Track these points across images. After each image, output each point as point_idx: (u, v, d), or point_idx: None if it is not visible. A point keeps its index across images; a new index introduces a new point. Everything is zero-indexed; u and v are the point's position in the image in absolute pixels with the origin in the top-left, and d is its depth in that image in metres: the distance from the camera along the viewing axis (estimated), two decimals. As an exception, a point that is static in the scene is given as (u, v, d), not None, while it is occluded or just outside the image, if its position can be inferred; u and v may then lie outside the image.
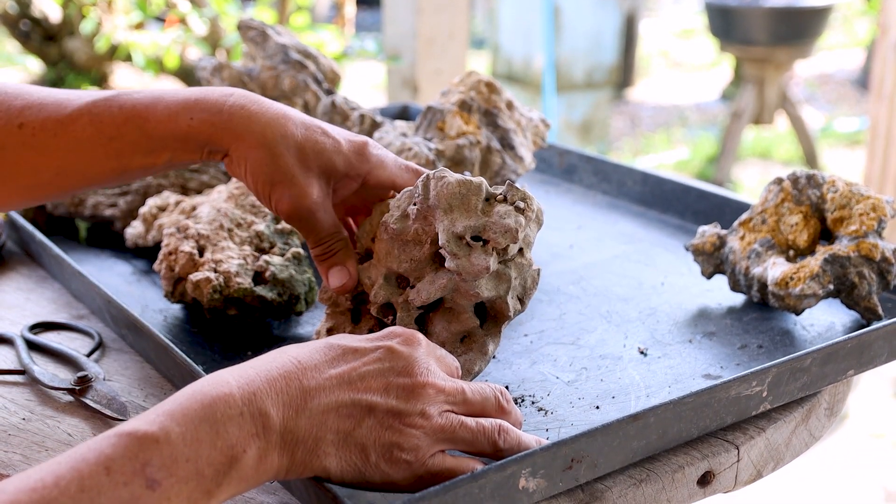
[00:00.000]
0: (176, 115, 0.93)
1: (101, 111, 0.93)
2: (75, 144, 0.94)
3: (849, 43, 8.59)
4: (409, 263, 0.93)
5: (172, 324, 1.11)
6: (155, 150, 0.94)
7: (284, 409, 0.72)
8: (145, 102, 0.94)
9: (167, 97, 0.94)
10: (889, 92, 3.54)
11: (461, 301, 0.92)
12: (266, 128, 0.92)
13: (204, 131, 0.93)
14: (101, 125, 0.93)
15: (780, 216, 1.14)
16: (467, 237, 0.89)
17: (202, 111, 0.93)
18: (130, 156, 0.94)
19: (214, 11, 3.85)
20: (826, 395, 1.01)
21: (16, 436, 0.92)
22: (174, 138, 0.93)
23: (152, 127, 0.93)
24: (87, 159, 0.94)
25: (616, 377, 1.00)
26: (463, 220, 0.89)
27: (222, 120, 0.93)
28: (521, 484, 0.78)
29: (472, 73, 1.31)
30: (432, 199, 0.90)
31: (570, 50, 5.60)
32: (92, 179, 0.96)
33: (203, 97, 0.94)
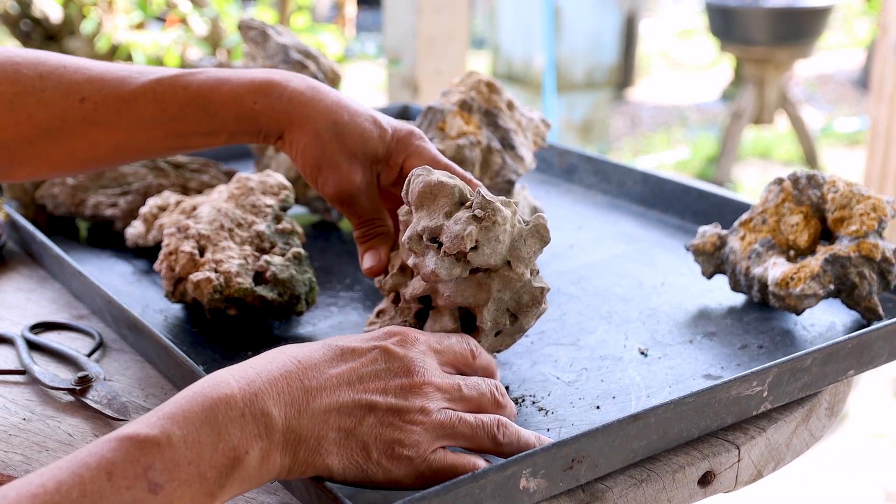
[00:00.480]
0: (241, 98, 0.96)
1: (165, 90, 0.95)
2: (137, 121, 0.96)
3: (849, 43, 8.59)
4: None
5: (173, 324, 1.11)
6: (215, 131, 0.97)
7: (286, 409, 0.72)
8: (210, 83, 0.96)
9: (232, 79, 0.97)
10: (889, 92, 3.54)
11: (440, 302, 0.93)
12: (320, 115, 0.96)
13: (265, 115, 0.96)
14: (165, 104, 0.95)
15: (781, 216, 1.14)
16: (425, 237, 0.90)
17: (266, 96, 0.96)
18: (190, 135, 0.97)
19: (215, 11, 3.85)
20: (826, 395, 1.01)
21: (16, 436, 0.92)
22: (236, 120, 0.96)
23: (216, 108, 0.96)
24: (148, 136, 0.96)
25: (616, 377, 1.00)
26: (426, 219, 0.90)
27: (282, 106, 0.96)
28: (521, 484, 0.78)
29: (473, 74, 1.31)
30: (409, 195, 0.92)
31: (571, 50, 5.61)
32: (148, 154, 1.00)
33: (267, 81, 0.97)
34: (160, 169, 1.38)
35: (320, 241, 1.35)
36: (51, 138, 0.96)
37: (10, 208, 1.34)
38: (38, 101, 0.96)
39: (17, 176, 1.01)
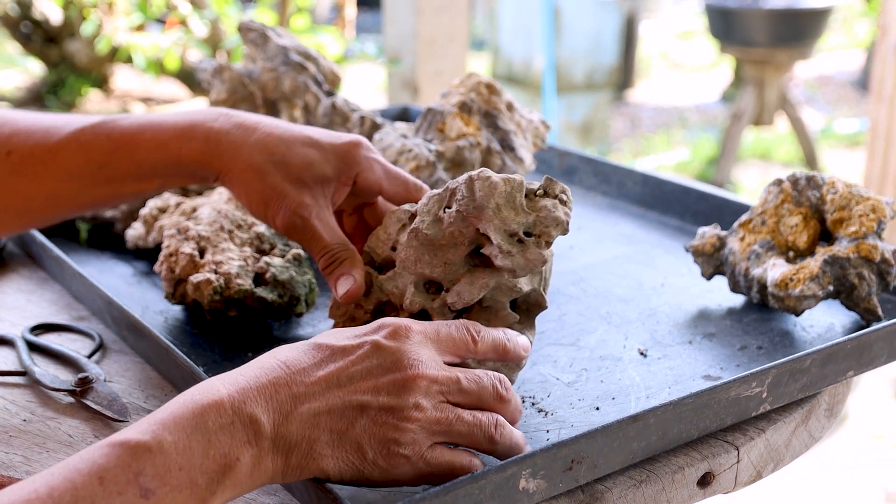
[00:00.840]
0: (165, 145, 0.94)
1: (89, 139, 0.93)
2: (65, 172, 0.94)
3: (849, 44, 8.59)
4: (443, 267, 0.91)
5: (173, 325, 1.11)
6: (146, 177, 0.95)
7: (274, 416, 0.72)
8: (133, 130, 0.94)
9: (154, 124, 0.94)
10: (889, 93, 3.54)
11: (501, 298, 0.92)
12: (253, 150, 0.93)
13: (194, 159, 0.94)
14: (90, 153, 0.94)
15: (780, 217, 1.14)
16: (520, 233, 0.88)
17: (189, 140, 0.94)
18: (121, 182, 0.95)
19: (215, 13, 3.86)
20: (826, 396, 1.01)
21: (17, 437, 0.92)
22: (164, 166, 0.94)
23: (142, 155, 0.94)
24: (78, 186, 0.94)
25: (616, 378, 1.00)
26: (513, 217, 0.88)
27: (210, 148, 0.93)
28: (521, 485, 0.78)
29: (473, 75, 1.31)
30: (479, 199, 0.88)
31: (570, 51, 5.61)
32: (84, 205, 0.97)
33: (190, 125, 0.94)
34: (160, 170, 1.38)
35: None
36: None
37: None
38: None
39: None
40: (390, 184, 0.97)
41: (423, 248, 0.91)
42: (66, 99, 4.83)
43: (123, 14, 4.19)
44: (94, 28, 4.18)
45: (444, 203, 0.92)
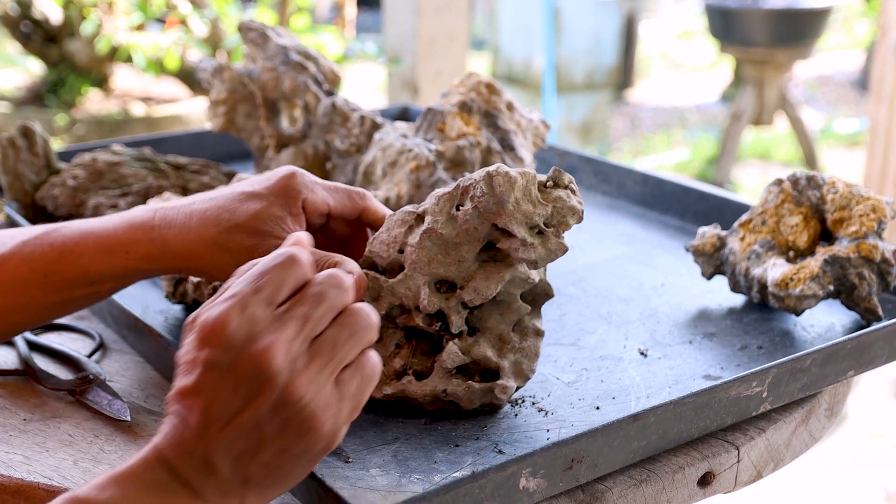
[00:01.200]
0: (109, 251, 0.92)
1: (32, 250, 0.92)
2: (10, 285, 0.93)
3: (848, 44, 8.59)
4: (457, 266, 0.91)
5: (173, 325, 1.11)
6: (95, 282, 0.93)
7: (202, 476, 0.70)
8: (75, 238, 0.93)
9: (96, 231, 0.93)
10: (889, 93, 3.54)
11: (514, 291, 0.92)
12: (200, 229, 0.92)
13: (143, 263, 0.93)
14: (34, 263, 0.92)
15: (780, 217, 1.14)
16: (541, 225, 0.89)
17: (134, 244, 0.92)
18: (70, 289, 0.93)
19: (215, 13, 3.86)
20: (826, 396, 1.01)
21: (17, 436, 0.92)
22: (113, 271, 0.93)
23: (88, 261, 0.92)
24: (26, 297, 0.93)
25: (616, 378, 1.00)
26: (532, 210, 0.89)
27: (157, 248, 0.92)
28: (521, 484, 0.78)
29: (473, 75, 1.31)
30: (499, 195, 0.88)
31: (570, 51, 5.61)
32: (35, 315, 0.95)
33: (129, 228, 0.93)
34: (160, 170, 1.38)
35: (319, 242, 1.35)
36: None
37: (11, 209, 1.34)
38: None
39: None
40: (334, 198, 0.96)
41: (436, 247, 0.91)
42: (65, 98, 4.83)
43: (123, 13, 4.19)
44: (93, 27, 4.17)
45: (456, 201, 0.91)
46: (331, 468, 0.84)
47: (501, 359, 0.92)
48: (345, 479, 0.82)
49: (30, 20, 4.85)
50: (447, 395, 0.91)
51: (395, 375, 0.93)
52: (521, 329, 0.95)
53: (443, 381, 0.91)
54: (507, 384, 0.92)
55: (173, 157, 1.42)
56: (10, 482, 0.85)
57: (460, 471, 0.83)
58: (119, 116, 4.65)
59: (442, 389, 0.91)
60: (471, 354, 0.92)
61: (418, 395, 0.91)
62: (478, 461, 0.85)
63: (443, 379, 0.91)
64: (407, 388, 0.92)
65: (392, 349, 0.94)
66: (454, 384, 0.91)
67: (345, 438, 0.88)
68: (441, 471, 0.83)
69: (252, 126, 1.42)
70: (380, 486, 0.81)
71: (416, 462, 0.85)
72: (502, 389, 0.91)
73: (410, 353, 0.94)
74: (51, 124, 4.50)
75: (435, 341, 0.94)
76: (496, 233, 0.90)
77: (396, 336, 0.95)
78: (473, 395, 0.91)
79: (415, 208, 0.94)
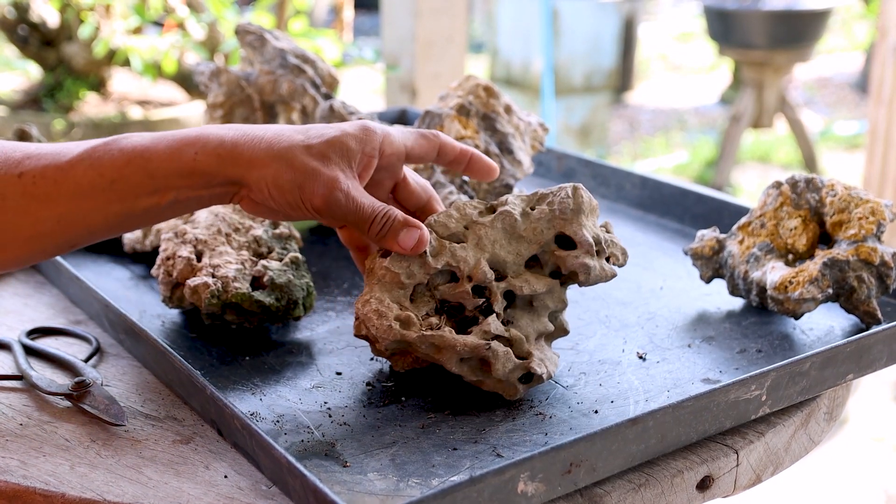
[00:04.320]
0: (179, 152, 0.92)
1: (101, 155, 0.92)
2: (76, 190, 0.92)
3: (848, 46, 8.60)
4: (514, 257, 0.97)
5: (170, 329, 1.11)
6: (159, 190, 0.93)
7: None
8: (146, 143, 0.93)
9: (167, 136, 0.93)
10: (888, 95, 3.54)
11: (549, 304, 0.98)
12: (272, 144, 0.93)
13: (210, 164, 0.92)
14: (102, 168, 0.92)
15: (779, 220, 1.14)
16: (602, 245, 0.98)
17: (205, 145, 0.92)
18: (134, 198, 0.93)
19: (213, 16, 3.86)
20: (825, 400, 1.01)
21: (13, 441, 0.91)
22: (179, 175, 0.92)
23: (155, 166, 0.92)
24: (90, 205, 0.92)
25: (615, 382, 0.99)
26: (595, 230, 0.98)
27: (226, 151, 0.92)
28: (519, 488, 0.78)
29: (471, 77, 1.31)
30: (579, 204, 0.97)
31: (569, 53, 5.61)
32: (95, 227, 0.94)
33: (203, 133, 0.93)
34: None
35: (318, 245, 1.34)
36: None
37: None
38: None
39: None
40: (411, 139, 0.99)
41: (504, 232, 0.97)
42: (63, 102, 4.82)
43: (121, 17, 4.19)
44: (91, 31, 4.17)
45: (531, 203, 0.98)
46: (328, 472, 0.84)
47: (532, 349, 0.96)
48: (342, 483, 0.82)
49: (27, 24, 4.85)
50: (489, 349, 0.93)
51: (430, 328, 0.95)
52: (540, 344, 0.99)
53: (484, 339, 0.94)
54: (540, 365, 0.95)
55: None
56: (7, 487, 0.85)
57: (458, 475, 0.83)
58: (116, 120, 4.65)
59: (486, 343, 0.93)
60: (509, 333, 0.95)
61: (458, 343, 0.93)
62: (476, 465, 0.85)
63: (483, 339, 0.94)
64: (446, 336, 0.93)
65: (423, 313, 0.96)
66: (496, 343, 0.94)
67: (342, 442, 0.88)
68: (439, 475, 0.83)
69: (250, 129, 1.41)
70: (377, 491, 0.81)
71: (414, 466, 0.85)
72: (539, 362, 0.95)
73: (442, 323, 0.96)
74: (48, 128, 4.50)
75: (467, 321, 0.97)
76: (553, 245, 0.97)
77: (430, 304, 0.97)
78: (508, 363, 0.93)
79: (487, 202, 1.00)
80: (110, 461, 0.88)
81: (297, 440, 0.89)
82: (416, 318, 0.95)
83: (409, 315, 0.95)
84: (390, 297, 0.96)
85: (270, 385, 0.99)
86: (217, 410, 0.90)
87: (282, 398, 0.96)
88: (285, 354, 1.05)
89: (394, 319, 0.94)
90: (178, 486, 0.84)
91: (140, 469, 0.87)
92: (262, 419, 0.92)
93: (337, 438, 0.89)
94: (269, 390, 0.98)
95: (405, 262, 0.95)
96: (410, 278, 0.95)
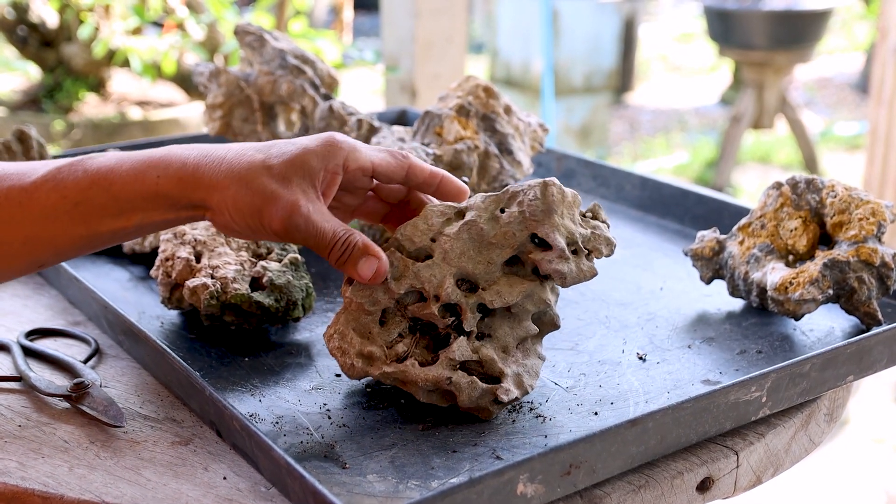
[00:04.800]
0: (142, 174, 0.91)
1: (64, 176, 0.91)
2: (41, 212, 0.91)
3: (848, 47, 8.60)
4: (485, 266, 0.93)
5: (169, 330, 1.11)
6: (123, 213, 0.92)
7: None
8: (109, 164, 0.92)
9: (132, 158, 0.92)
10: (889, 96, 3.54)
11: (529, 308, 0.94)
12: (232, 165, 0.90)
13: (172, 188, 0.91)
14: (66, 190, 0.91)
15: (780, 221, 1.14)
16: (578, 243, 0.92)
17: (167, 168, 0.91)
18: (98, 220, 0.92)
19: (212, 17, 3.85)
20: (826, 401, 1.01)
21: (11, 442, 0.91)
22: (142, 198, 0.91)
23: (118, 189, 0.91)
24: (55, 227, 0.92)
25: (615, 383, 0.99)
26: (573, 227, 0.92)
27: (188, 174, 0.91)
28: (519, 489, 0.77)
29: (471, 78, 1.31)
30: (549, 204, 0.91)
31: (569, 54, 5.61)
32: (62, 248, 0.94)
33: (166, 155, 0.92)
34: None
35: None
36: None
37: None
38: None
39: None
40: (378, 156, 0.95)
41: (471, 242, 0.93)
42: (62, 103, 4.82)
43: (120, 17, 4.19)
44: (90, 31, 4.17)
45: (502, 204, 0.93)
46: (328, 474, 0.83)
47: (505, 366, 0.93)
48: (342, 484, 0.82)
49: (26, 24, 4.85)
50: (450, 384, 0.91)
51: (396, 358, 0.93)
52: (524, 348, 0.96)
53: (447, 370, 0.91)
54: (510, 388, 0.92)
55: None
56: (6, 489, 0.85)
57: (458, 477, 0.83)
58: (116, 120, 4.65)
59: (447, 377, 0.91)
60: (479, 354, 0.92)
61: (419, 379, 0.91)
62: (475, 467, 0.84)
63: (447, 368, 0.91)
64: (409, 371, 0.92)
65: (395, 336, 0.94)
66: (459, 375, 0.91)
67: (341, 444, 0.88)
68: (438, 477, 0.83)
69: (249, 130, 1.41)
70: (377, 493, 0.81)
71: (414, 468, 0.84)
72: (505, 392, 0.91)
73: (413, 344, 0.94)
74: (47, 129, 4.50)
75: (438, 339, 0.94)
76: (530, 245, 0.92)
77: (401, 325, 0.95)
78: (474, 392, 0.91)
79: (456, 205, 0.95)
80: (109, 462, 0.88)
81: (297, 441, 0.89)
82: (380, 350, 0.93)
83: (372, 351, 0.93)
84: (356, 327, 0.94)
85: (270, 386, 0.99)
86: (216, 412, 0.89)
87: (281, 399, 0.96)
88: (285, 356, 1.05)
89: (356, 357, 0.93)
90: (177, 488, 0.84)
91: (139, 470, 0.87)
92: (261, 420, 0.92)
93: (336, 440, 0.89)
94: (268, 391, 0.98)
95: (368, 289, 0.93)
96: (375, 305, 0.94)
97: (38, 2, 4.81)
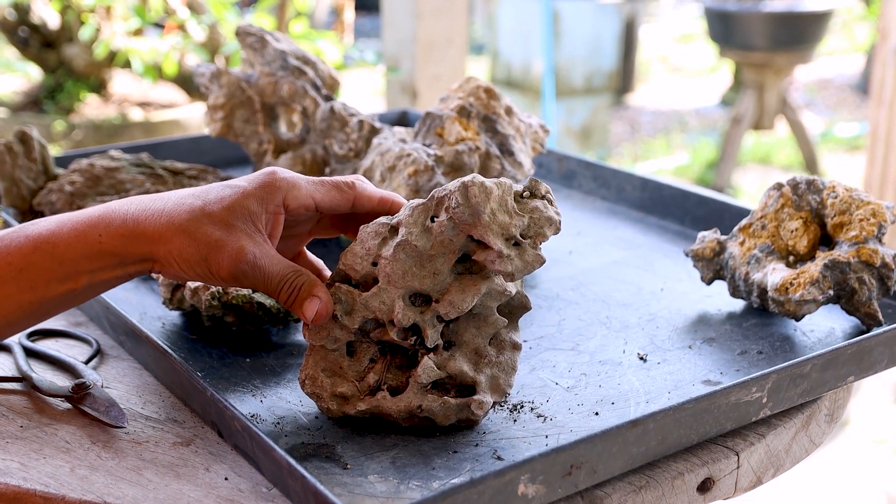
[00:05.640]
0: (84, 235, 0.91)
1: (8, 244, 0.91)
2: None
3: (849, 48, 8.60)
4: (432, 279, 0.89)
5: (171, 331, 1.11)
6: (70, 275, 0.91)
7: None
8: (51, 228, 0.91)
9: (73, 219, 0.92)
10: (889, 97, 3.54)
11: (490, 304, 0.91)
12: (172, 217, 0.90)
13: (116, 245, 0.91)
14: (10, 257, 0.91)
15: (780, 222, 1.14)
16: (517, 236, 0.88)
17: (108, 225, 0.91)
18: (45, 285, 0.91)
19: (213, 18, 3.85)
20: (826, 402, 1.01)
21: (13, 443, 0.91)
22: (87, 258, 0.91)
23: (62, 251, 0.91)
24: (2, 295, 0.91)
25: (615, 383, 0.99)
26: (508, 221, 0.88)
27: (129, 229, 0.90)
28: (520, 490, 0.77)
29: (471, 79, 1.31)
30: (475, 206, 0.86)
31: (570, 55, 5.61)
32: (12, 316, 0.93)
33: (105, 212, 0.92)
34: (158, 175, 1.38)
35: (318, 247, 1.34)
36: None
37: (8, 215, 1.33)
38: None
39: None
40: (320, 191, 0.94)
41: (410, 260, 0.89)
42: (63, 104, 4.83)
43: (121, 18, 4.19)
44: (91, 32, 4.17)
45: (431, 213, 0.89)
46: (329, 475, 0.84)
47: (478, 373, 0.91)
48: (343, 485, 0.82)
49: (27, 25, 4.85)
50: (422, 412, 0.89)
51: (369, 391, 0.91)
52: (497, 343, 0.94)
53: (418, 396, 0.90)
54: (484, 399, 0.90)
55: (171, 163, 1.42)
56: (7, 489, 0.85)
57: (459, 477, 0.83)
58: (117, 121, 4.65)
59: (417, 405, 0.89)
60: (447, 369, 0.91)
61: (393, 412, 0.90)
62: (476, 467, 0.85)
63: (418, 395, 0.90)
64: (381, 405, 0.90)
65: (366, 364, 0.93)
66: (429, 400, 0.89)
67: (343, 444, 0.88)
68: (439, 477, 0.83)
69: (250, 131, 1.41)
70: (378, 493, 0.81)
71: (415, 469, 0.85)
72: (479, 405, 0.90)
73: (385, 368, 0.92)
74: (49, 130, 4.50)
75: (410, 355, 0.92)
76: (472, 244, 0.89)
77: (370, 351, 0.93)
78: (449, 411, 0.90)
79: (388, 220, 0.92)
80: (110, 463, 0.88)
81: (298, 442, 0.89)
82: (351, 387, 0.91)
83: (343, 391, 0.91)
84: (325, 367, 0.92)
85: (271, 387, 0.99)
86: (217, 412, 0.90)
87: (282, 400, 0.96)
88: (286, 356, 1.05)
89: (329, 400, 0.92)
90: (179, 489, 0.84)
91: (140, 471, 0.87)
92: (262, 421, 0.92)
93: (337, 440, 0.89)
94: (269, 392, 0.98)
95: (324, 329, 0.92)
96: (336, 342, 0.92)
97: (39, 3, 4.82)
